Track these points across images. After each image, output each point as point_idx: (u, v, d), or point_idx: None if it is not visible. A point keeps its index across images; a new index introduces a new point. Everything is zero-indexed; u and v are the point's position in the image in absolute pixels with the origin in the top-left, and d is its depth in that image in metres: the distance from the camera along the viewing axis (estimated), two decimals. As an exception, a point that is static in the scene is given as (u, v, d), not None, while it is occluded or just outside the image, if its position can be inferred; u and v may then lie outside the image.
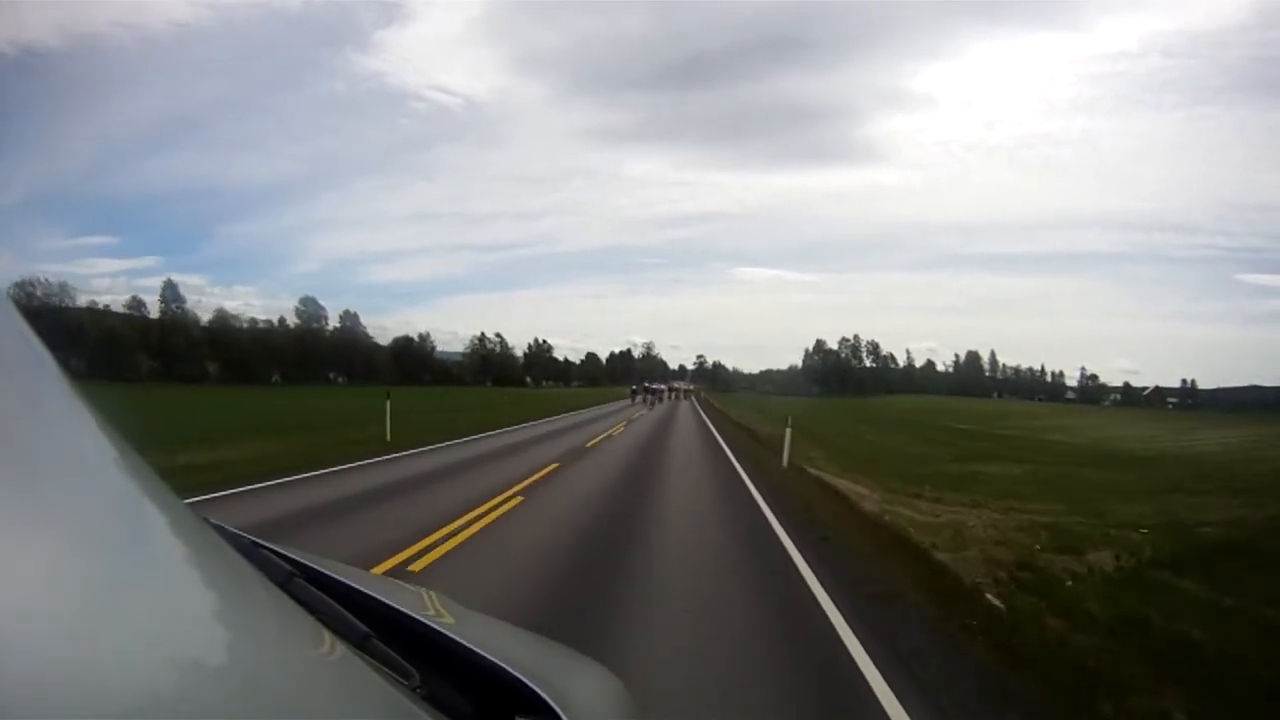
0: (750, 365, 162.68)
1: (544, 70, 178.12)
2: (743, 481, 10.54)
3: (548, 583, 4.66)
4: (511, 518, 6.79)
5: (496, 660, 0.70)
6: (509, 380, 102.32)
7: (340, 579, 0.79)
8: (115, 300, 68.92)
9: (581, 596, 4.38)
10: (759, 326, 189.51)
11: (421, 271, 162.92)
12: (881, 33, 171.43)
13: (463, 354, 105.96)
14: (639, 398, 48.11)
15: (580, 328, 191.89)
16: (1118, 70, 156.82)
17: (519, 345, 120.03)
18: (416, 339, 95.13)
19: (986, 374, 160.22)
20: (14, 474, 0.31)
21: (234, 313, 72.49)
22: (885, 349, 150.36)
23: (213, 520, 0.59)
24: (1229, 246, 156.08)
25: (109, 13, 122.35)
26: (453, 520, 6.33)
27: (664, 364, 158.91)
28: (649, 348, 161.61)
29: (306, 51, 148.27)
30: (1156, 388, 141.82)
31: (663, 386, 64.77)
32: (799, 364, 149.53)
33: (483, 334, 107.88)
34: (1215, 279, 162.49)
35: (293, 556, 0.78)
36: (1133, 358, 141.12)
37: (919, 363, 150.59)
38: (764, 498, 8.92)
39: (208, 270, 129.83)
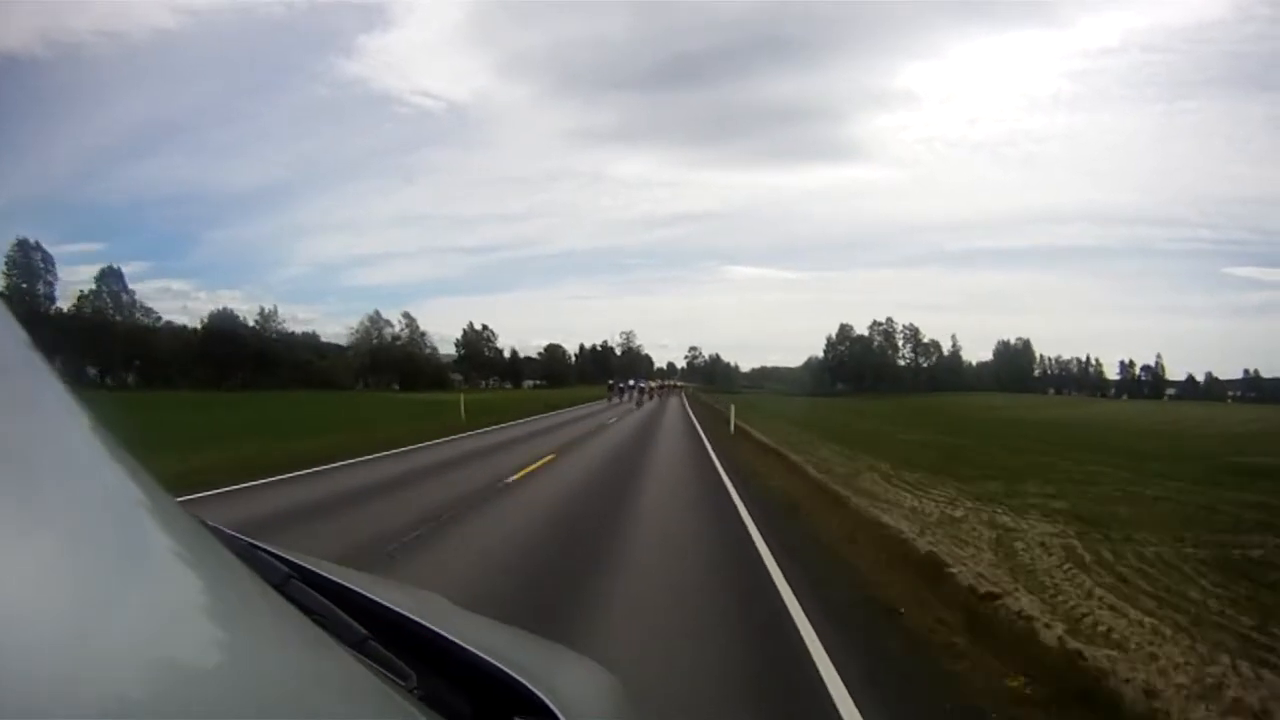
0: (747, 362, 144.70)
1: (526, 73, 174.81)
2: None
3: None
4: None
5: (494, 660, 0.69)
6: (423, 381, 70.08)
7: (337, 580, 0.78)
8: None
9: None
10: (750, 325, 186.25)
11: (408, 274, 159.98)
12: (863, 31, 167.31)
13: (348, 347, 73.22)
14: (618, 397, 42.53)
15: (567, 329, 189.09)
16: (1099, 66, 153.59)
17: (448, 334, 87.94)
18: (256, 322, 62.39)
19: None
20: (9, 476, 0.31)
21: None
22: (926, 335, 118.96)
23: (209, 522, 0.58)
24: (1214, 239, 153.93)
25: (91, 20, 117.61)
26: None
27: (648, 360, 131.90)
28: (629, 338, 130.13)
29: (289, 57, 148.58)
30: (1214, 379, 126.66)
31: (648, 384, 54.84)
32: (818, 355, 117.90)
33: (376, 313, 75.27)
34: (1202, 272, 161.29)
35: (289, 558, 0.77)
36: (1123, 351, 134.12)
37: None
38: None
39: (195, 275, 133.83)
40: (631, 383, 51.86)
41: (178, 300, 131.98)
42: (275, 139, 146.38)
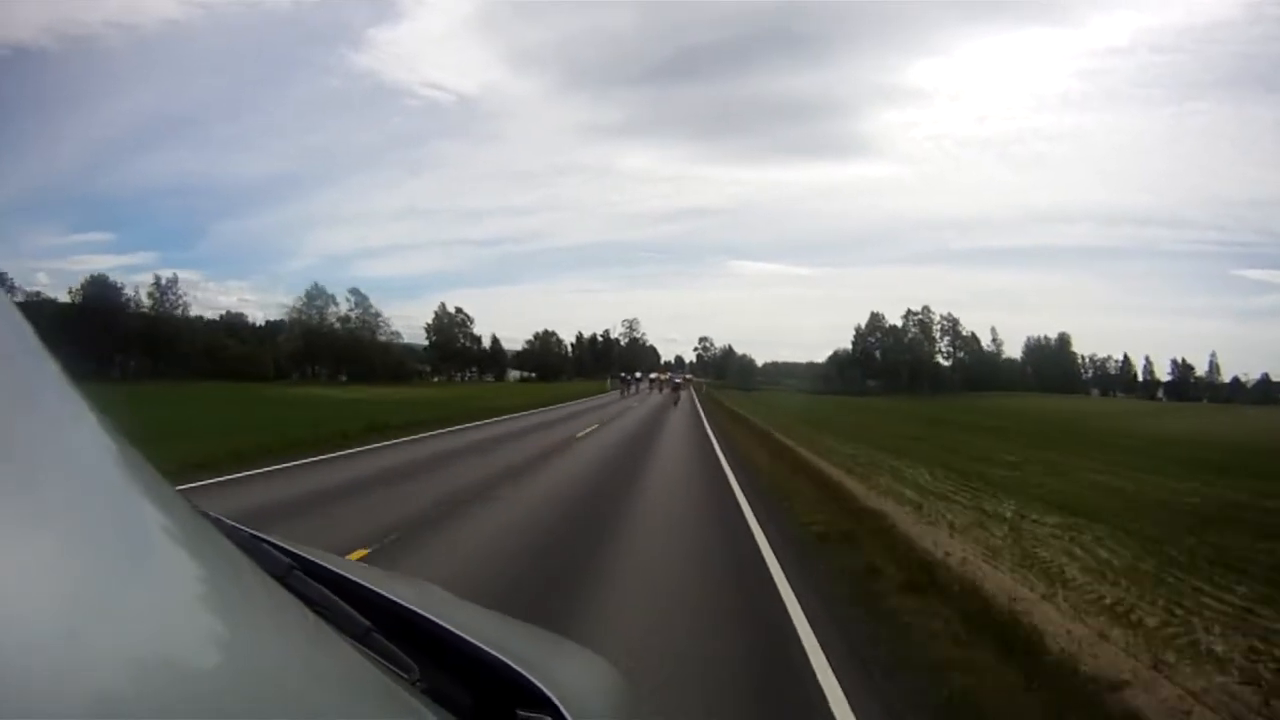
0: (757, 357, 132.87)
1: (535, 66, 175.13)
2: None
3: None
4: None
5: (496, 653, 0.69)
6: (379, 372, 56.49)
7: (340, 572, 0.78)
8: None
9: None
10: (759, 320, 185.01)
11: (417, 266, 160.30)
12: (872, 27, 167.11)
13: (280, 330, 59.31)
14: (628, 388, 43.18)
15: (573, 322, 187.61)
16: (1108, 66, 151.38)
17: (409, 316, 74.76)
18: (150, 294, 48.77)
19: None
20: (12, 470, 0.31)
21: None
22: (966, 326, 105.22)
23: (212, 514, 0.59)
24: (1223, 241, 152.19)
25: (101, 12, 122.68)
26: None
27: (654, 352, 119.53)
28: (632, 327, 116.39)
29: (299, 49, 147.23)
30: (1270, 380, 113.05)
31: (657, 376, 51.12)
32: (845, 348, 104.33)
33: (316, 287, 60.57)
34: (1211, 274, 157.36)
35: (292, 550, 0.77)
36: (1131, 352, 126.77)
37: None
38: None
39: (204, 266, 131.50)
40: (638, 375, 50.19)
41: (185, 291, 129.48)
42: (284, 131, 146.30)
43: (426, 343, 75.54)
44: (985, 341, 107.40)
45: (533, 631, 0.96)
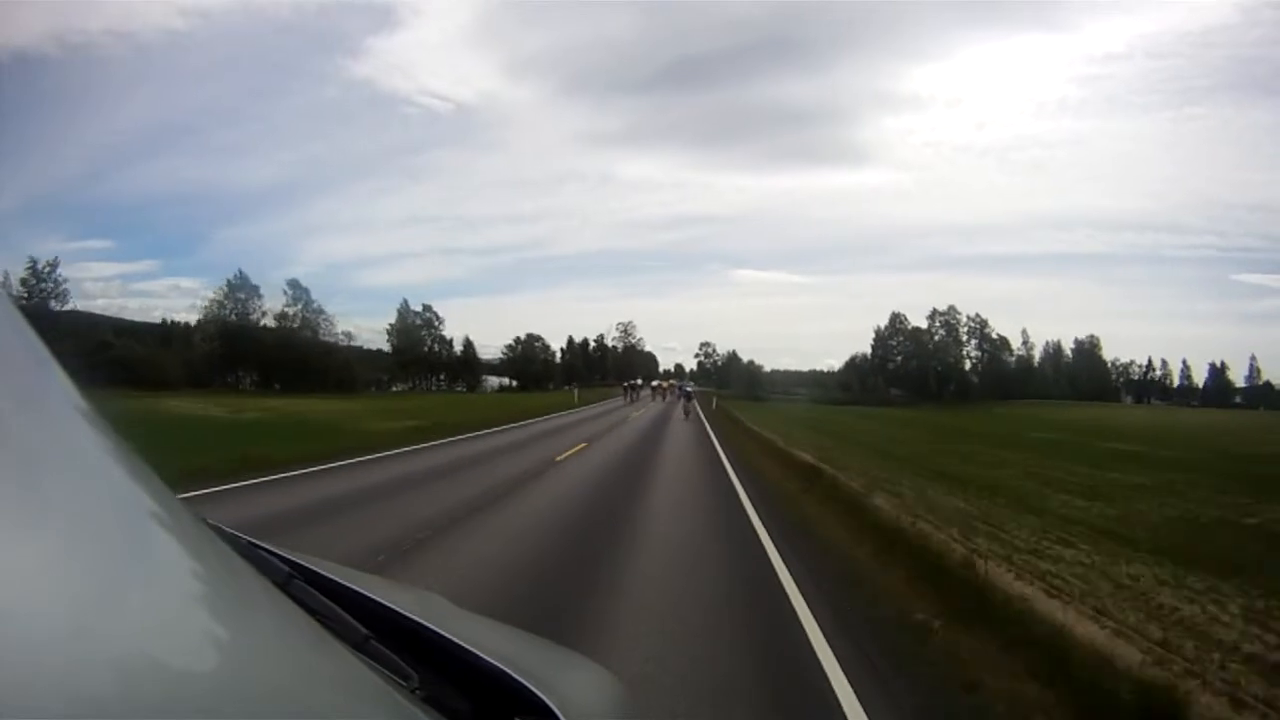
0: (767, 364, 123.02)
1: (534, 75, 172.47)
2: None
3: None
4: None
5: (495, 661, 0.69)
6: (324, 380, 47.12)
7: (339, 580, 0.79)
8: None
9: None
10: (759, 328, 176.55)
11: (417, 275, 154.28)
12: (870, 34, 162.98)
13: (195, 328, 49.09)
14: (634, 394, 44.84)
15: (574, 331, 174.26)
16: (1106, 72, 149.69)
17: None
18: (26, 279, 40.17)
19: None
20: (14, 473, 0.31)
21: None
22: (995, 328, 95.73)
23: (211, 521, 0.59)
24: (1222, 246, 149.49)
25: (102, 21, 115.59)
26: None
27: (652, 358, 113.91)
28: (627, 330, 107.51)
29: (299, 58, 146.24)
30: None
31: (659, 384, 51.59)
32: (860, 354, 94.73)
33: (240, 275, 49.86)
34: (1210, 279, 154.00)
35: (291, 558, 0.78)
36: (1140, 357, 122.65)
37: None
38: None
39: (205, 274, 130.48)
40: (639, 383, 50.58)
41: (186, 298, 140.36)
42: (283, 139, 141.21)
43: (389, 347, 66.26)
44: (1016, 345, 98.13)
45: (534, 641, 0.94)
